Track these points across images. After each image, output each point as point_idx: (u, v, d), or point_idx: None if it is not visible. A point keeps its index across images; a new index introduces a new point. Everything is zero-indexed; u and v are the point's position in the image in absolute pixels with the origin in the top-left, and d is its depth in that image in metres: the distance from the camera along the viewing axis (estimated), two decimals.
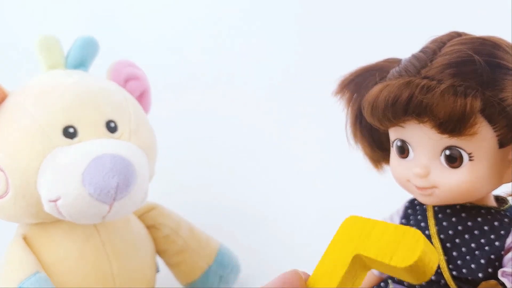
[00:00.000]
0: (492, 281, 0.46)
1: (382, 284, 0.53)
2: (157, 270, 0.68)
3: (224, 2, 0.95)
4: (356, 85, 0.51)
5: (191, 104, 0.94)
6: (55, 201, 0.54)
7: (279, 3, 0.93)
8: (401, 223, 0.52)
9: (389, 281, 0.52)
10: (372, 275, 0.56)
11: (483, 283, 0.46)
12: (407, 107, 0.43)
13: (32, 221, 0.59)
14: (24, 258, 0.57)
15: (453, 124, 0.42)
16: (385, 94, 0.44)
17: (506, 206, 0.49)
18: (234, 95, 0.93)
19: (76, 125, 0.56)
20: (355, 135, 0.52)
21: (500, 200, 0.50)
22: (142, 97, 0.66)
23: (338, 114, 0.52)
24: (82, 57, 0.62)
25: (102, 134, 0.57)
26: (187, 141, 0.93)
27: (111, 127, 0.59)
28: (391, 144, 0.49)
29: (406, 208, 0.53)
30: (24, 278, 0.55)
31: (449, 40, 0.46)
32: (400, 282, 0.51)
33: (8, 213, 0.57)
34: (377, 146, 0.52)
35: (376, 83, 0.47)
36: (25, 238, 0.59)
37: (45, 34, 0.60)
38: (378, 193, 0.71)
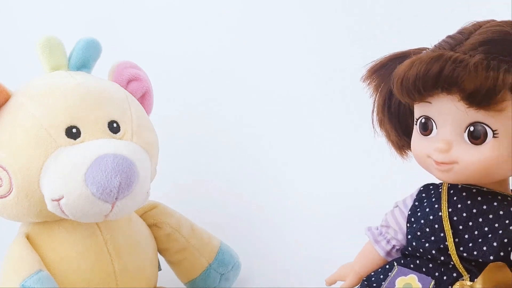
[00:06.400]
0: (500, 263, 0.46)
1: (387, 266, 0.53)
2: (159, 268, 0.68)
3: (222, 2, 0.95)
4: (386, 71, 0.51)
5: (192, 104, 0.94)
6: (58, 200, 0.54)
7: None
8: (414, 205, 0.53)
9: (395, 263, 0.53)
10: (377, 256, 0.56)
11: (491, 264, 0.46)
12: (438, 79, 0.43)
13: (35, 220, 0.59)
14: (26, 257, 0.58)
15: (481, 96, 0.42)
16: (417, 66, 0.44)
17: None
18: (235, 95, 0.93)
19: (79, 126, 0.57)
20: (381, 121, 0.53)
21: None
22: (144, 98, 0.66)
23: (339, 116, 0.52)
24: (85, 59, 0.62)
25: (104, 134, 0.57)
26: (189, 140, 0.93)
27: (114, 127, 0.59)
28: (415, 122, 0.49)
29: (420, 191, 0.53)
30: (26, 276, 0.56)
31: (486, 23, 0.47)
32: (405, 264, 0.52)
33: (11, 212, 0.58)
34: (403, 132, 0.53)
35: None
36: (27, 237, 0.60)
37: (48, 35, 0.60)
38: (379, 196, 0.71)
